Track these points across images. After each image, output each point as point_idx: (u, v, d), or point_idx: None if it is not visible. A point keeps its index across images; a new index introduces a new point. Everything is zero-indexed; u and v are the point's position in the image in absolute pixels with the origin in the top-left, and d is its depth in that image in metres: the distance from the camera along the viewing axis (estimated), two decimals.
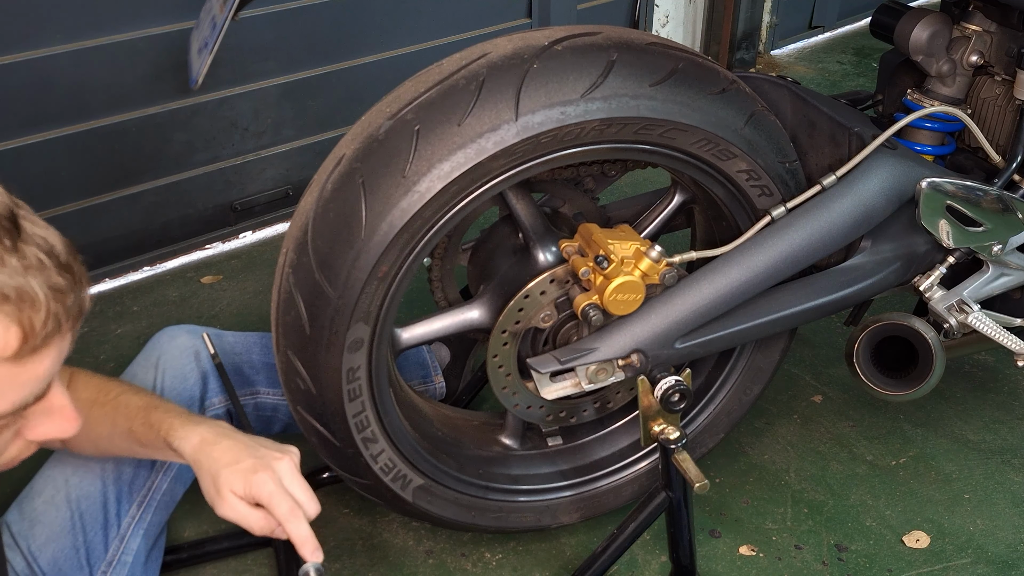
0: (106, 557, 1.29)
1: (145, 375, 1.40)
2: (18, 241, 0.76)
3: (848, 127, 1.49)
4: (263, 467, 1.08)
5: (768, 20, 3.77)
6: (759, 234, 1.44)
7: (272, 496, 1.06)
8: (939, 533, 1.73)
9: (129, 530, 1.32)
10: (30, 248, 0.76)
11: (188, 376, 1.41)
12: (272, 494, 1.06)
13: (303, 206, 1.30)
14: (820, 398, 2.04)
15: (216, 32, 1.29)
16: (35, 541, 1.26)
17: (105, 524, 1.29)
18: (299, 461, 1.12)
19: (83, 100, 2.19)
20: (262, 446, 1.12)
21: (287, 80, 2.49)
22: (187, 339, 1.44)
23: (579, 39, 1.27)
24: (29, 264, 0.75)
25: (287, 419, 1.58)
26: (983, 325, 1.55)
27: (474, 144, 1.23)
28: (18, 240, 0.76)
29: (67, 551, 1.27)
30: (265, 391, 1.55)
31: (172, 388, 1.40)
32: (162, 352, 1.42)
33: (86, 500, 1.28)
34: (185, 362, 1.42)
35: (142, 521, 1.33)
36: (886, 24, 1.64)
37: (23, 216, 0.78)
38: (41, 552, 1.26)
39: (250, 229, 2.59)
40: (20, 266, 0.75)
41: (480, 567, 1.65)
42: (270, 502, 1.07)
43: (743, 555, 1.68)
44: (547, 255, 1.46)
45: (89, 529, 1.28)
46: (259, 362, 1.54)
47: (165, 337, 1.45)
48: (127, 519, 1.32)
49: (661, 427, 1.41)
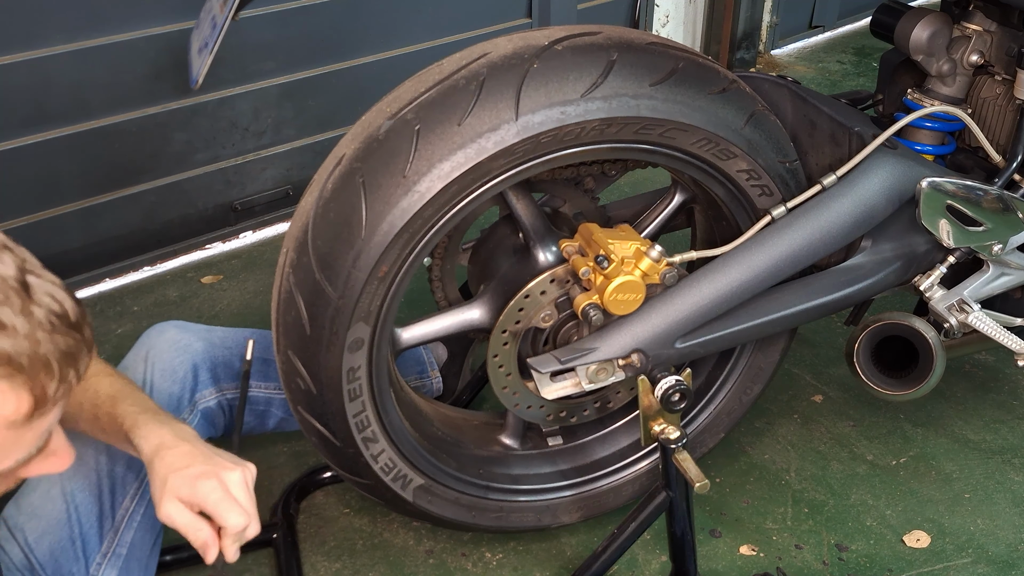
0: (100, 549, 1.30)
1: (135, 369, 1.41)
2: (29, 303, 0.74)
3: (848, 127, 1.49)
4: (212, 474, 1.06)
5: (768, 20, 3.77)
6: (759, 234, 1.44)
7: (219, 504, 1.05)
8: (939, 533, 1.73)
9: (123, 523, 1.32)
10: (40, 310, 0.74)
11: (177, 369, 1.43)
12: (219, 502, 1.05)
13: (303, 206, 1.30)
14: (820, 398, 2.04)
15: (216, 32, 1.29)
16: (32, 533, 1.27)
17: (100, 516, 1.30)
18: (254, 479, 1.10)
19: (83, 100, 2.19)
20: (219, 455, 1.10)
21: (287, 80, 2.49)
22: (175, 333, 1.46)
23: (579, 39, 1.27)
24: (39, 327, 0.74)
25: (282, 414, 1.58)
26: (983, 325, 1.55)
27: (474, 144, 1.23)
28: (29, 301, 0.74)
29: (63, 543, 1.27)
30: (256, 384, 1.56)
31: (161, 381, 1.41)
32: (151, 346, 1.43)
33: (81, 493, 1.29)
34: (174, 356, 1.43)
35: (136, 514, 1.34)
36: (886, 24, 1.64)
37: (30, 271, 0.76)
38: (38, 544, 1.26)
39: (250, 229, 2.59)
40: (30, 330, 0.73)
41: (480, 567, 1.65)
42: (216, 510, 1.05)
43: (743, 555, 1.68)
44: (547, 255, 1.46)
45: (84, 521, 1.29)
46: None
47: (154, 332, 1.47)
48: (121, 511, 1.32)
49: (661, 427, 1.41)
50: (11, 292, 0.72)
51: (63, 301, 0.77)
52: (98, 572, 1.29)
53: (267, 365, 1.55)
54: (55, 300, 0.76)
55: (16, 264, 0.74)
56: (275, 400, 1.57)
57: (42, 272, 0.77)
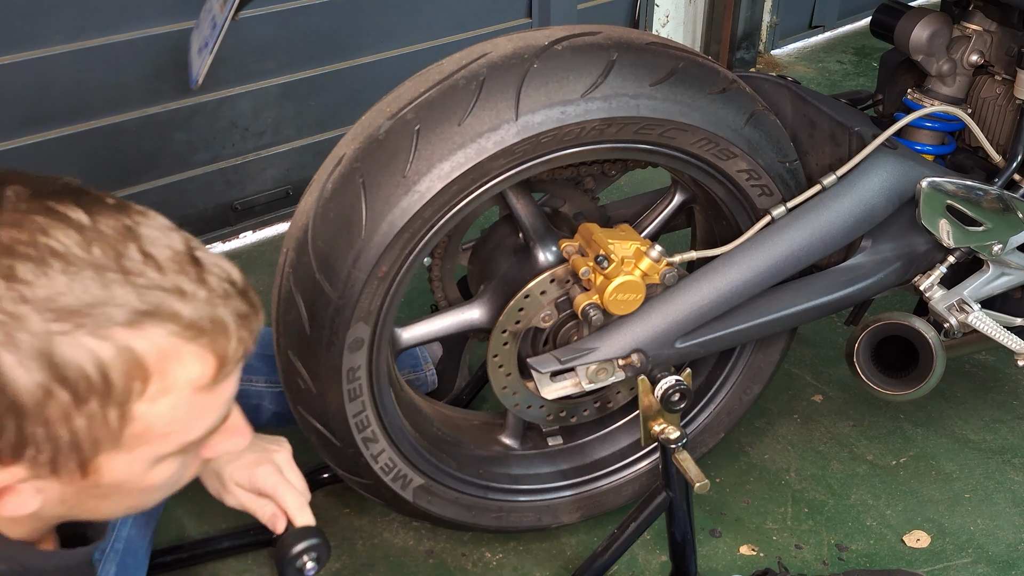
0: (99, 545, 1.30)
1: None
2: (203, 272, 0.79)
3: (848, 127, 1.49)
4: (265, 460, 1.17)
5: (768, 20, 3.77)
6: (759, 234, 1.44)
7: (277, 486, 1.16)
8: (939, 533, 1.73)
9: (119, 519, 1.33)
10: (213, 278, 0.79)
11: None
12: (277, 484, 1.16)
13: (303, 206, 1.30)
14: (820, 398, 2.04)
15: (216, 32, 1.29)
16: None
17: None
18: (291, 454, 1.20)
19: (83, 100, 2.19)
20: (258, 439, 1.18)
21: (287, 80, 2.49)
22: None
23: (579, 39, 1.27)
24: (216, 294, 0.79)
25: (275, 408, 1.59)
26: (983, 325, 1.55)
27: (474, 144, 1.23)
28: (203, 271, 0.79)
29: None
30: (247, 378, 1.56)
31: None
32: None
33: None
34: None
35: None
36: (886, 24, 1.64)
37: (195, 248, 0.81)
38: None
39: (250, 229, 2.59)
40: (209, 297, 0.78)
41: (480, 567, 1.65)
42: (275, 492, 1.16)
43: (743, 555, 1.68)
44: (547, 255, 1.46)
45: None
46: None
47: None
48: None
49: (661, 427, 1.41)
50: (186, 264, 0.78)
51: (231, 271, 0.82)
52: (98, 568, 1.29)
53: (260, 360, 1.55)
54: (223, 269, 0.81)
55: (184, 240, 0.80)
56: (266, 394, 1.58)
57: (205, 248, 0.83)
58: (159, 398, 0.77)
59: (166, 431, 0.80)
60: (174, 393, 0.78)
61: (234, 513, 1.70)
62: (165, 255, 0.77)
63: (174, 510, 1.68)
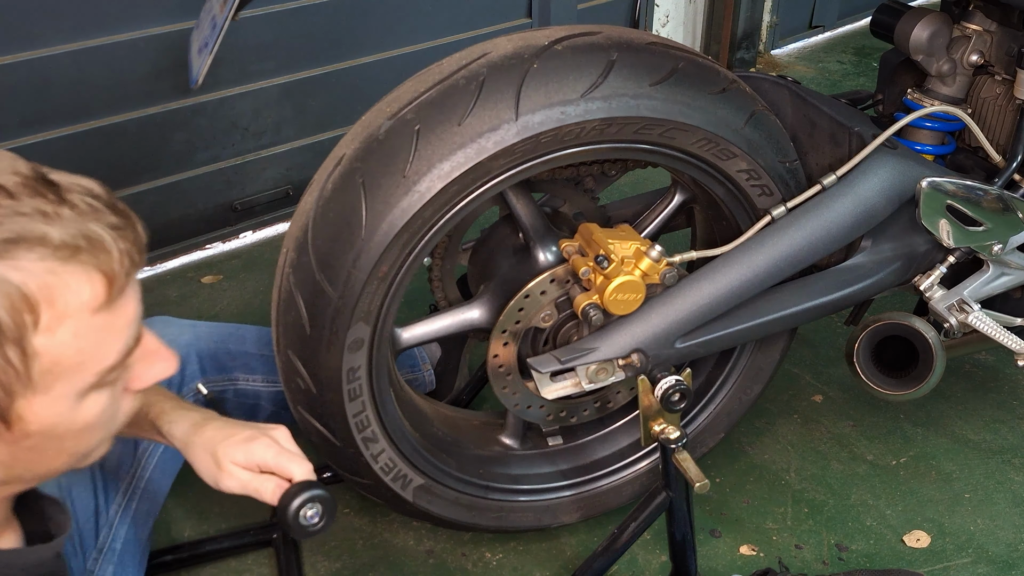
0: (96, 544, 1.30)
1: None
2: (62, 191, 0.75)
3: (848, 127, 1.49)
4: (260, 435, 1.10)
5: (768, 20, 3.77)
6: (759, 234, 1.44)
7: (279, 456, 1.08)
8: (939, 533, 1.72)
9: (117, 517, 1.33)
10: (75, 196, 0.76)
11: None
12: (278, 455, 1.08)
13: (303, 206, 1.30)
14: (820, 398, 2.04)
15: (216, 32, 1.29)
16: None
17: (96, 511, 1.30)
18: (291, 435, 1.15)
19: (83, 100, 2.19)
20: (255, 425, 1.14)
21: (287, 80, 2.49)
22: (161, 327, 1.47)
23: (579, 39, 1.27)
24: (82, 211, 0.75)
25: (271, 407, 1.59)
26: (983, 325, 1.55)
27: (474, 144, 1.23)
28: (62, 189, 0.75)
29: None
30: (244, 378, 1.56)
31: None
32: None
33: (77, 487, 1.29)
34: None
35: (128, 509, 1.34)
36: (886, 23, 1.64)
37: (48, 171, 0.77)
38: None
39: (250, 229, 2.59)
40: (75, 215, 0.74)
41: (480, 567, 1.65)
42: (277, 463, 1.08)
43: (743, 555, 1.68)
44: (547, 255, 1.46)
45: (81, 516, 1.29)
46: (236, 351, 1.56)
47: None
48: (114, 506, 1.33)
49: (661, 427, 1.41)
50: (39, 186, 0.74)
51: (91, 186, 0.78)
52: (95, 568, 1.29)
53: (257, 359, 1.55)
54: (83, 187, 0.77)
55: (30, 166, 0.76)
56: (263, 393, 1.58)
57: (59, 171, 0.79)
58: (56, 327, 0.74)
59: (77, 361, 0.76)
60: (71, 319, 0.74)
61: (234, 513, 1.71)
62: (14, 181, 0.73)
63: (174, 510, 1.68)
